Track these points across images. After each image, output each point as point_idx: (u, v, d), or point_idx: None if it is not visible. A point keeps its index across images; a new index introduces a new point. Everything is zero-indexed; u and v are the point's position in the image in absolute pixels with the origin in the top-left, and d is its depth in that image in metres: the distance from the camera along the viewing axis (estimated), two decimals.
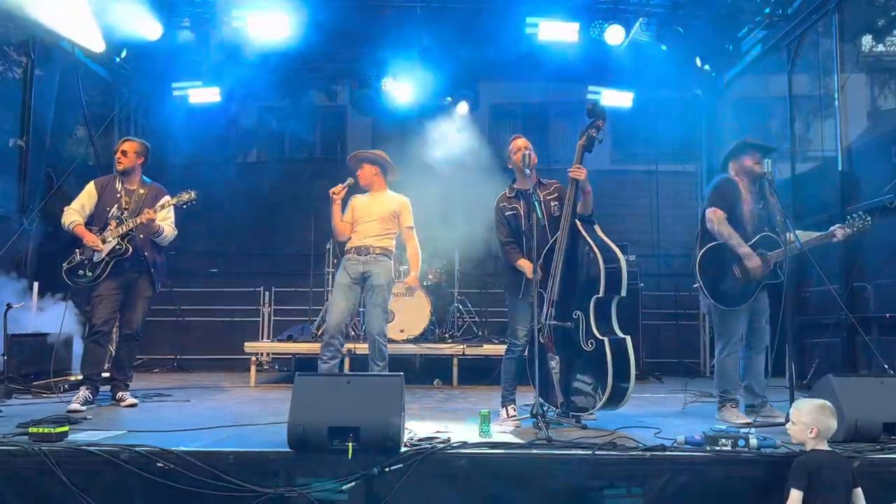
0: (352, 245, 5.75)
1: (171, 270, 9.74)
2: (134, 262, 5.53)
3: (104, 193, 5.60)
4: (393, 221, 5.83)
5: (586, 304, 4.54)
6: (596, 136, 4.71)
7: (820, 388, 4.17)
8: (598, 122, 4.73)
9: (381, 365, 5.60)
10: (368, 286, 5.66)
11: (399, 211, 5.84)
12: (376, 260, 5.68)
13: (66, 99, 8.48)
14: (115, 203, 5.56)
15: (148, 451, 3.52)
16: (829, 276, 6.91)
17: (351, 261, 5.70)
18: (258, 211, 10.24)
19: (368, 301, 5.69)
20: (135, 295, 5.64)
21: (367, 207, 5.82)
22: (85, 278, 5.45)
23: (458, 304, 8.75)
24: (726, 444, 3.63)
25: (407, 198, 5.94)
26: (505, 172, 5.57)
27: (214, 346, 9.85)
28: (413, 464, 3.49)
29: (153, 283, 5.71)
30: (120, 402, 5.55)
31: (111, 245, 5.44)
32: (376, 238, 5.72)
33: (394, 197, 5.92)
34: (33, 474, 3.49)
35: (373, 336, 5.60)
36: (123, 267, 5.50)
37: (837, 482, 3.25)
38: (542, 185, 5.04)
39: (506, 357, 5.12)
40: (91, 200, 5.59)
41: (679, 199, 10.33)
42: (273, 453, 3.58)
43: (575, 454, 3.64)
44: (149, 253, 5.61)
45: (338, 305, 5.63)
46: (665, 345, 9.68)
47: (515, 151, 5.01)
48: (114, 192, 5.61)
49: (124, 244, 5.46)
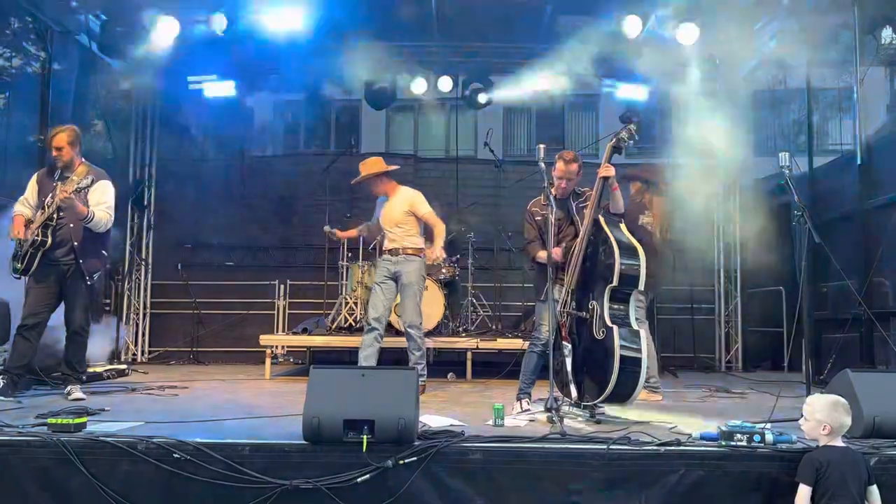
0: (385, 248, 6.37)
1: (187, 263, 9.98)
2: (64, 253, 5.27)
3: (43, 184, 5.39)
4: (409, 219, 6.27)
5: (601, 295, 4.58)
6: (626, 138, 4.74)
7: (837, 383, 4.11)
8: (629, 125, 4.78)
9: (417, 355, 6.13)
10: (400, 285, 6.22)
11: (410, 206, 6.28)
12: (406, 260, 6.22)
13: (83, 93, 8.55)
14: (50, 192, 5.31)
15: (164, 443, 3.55)
16: (846, 270, 6.85)
17: (385, 262, 6.31)
18: (273, 204, 10.29)
19: (402, 297, 6.25)
20: (70, 290, 5.36)
21: (387, 213, 6.35)
22: (16, 270, 5.25)
23: (472, 299, 8.74)
24: (742, 439, 3.60)
25: (416, 189, 6.42)
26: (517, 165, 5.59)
27: (230, 338, 9.91)
28: (427, 457, 3.50)
29: (84, 276, 5.35)
30: (67, 395, 5.34)
31: (33, 236, 5.19)
32: (401, 239, 6.26)
33: (404, 195, 6.37)
34: (52, 464, 3.53)
35: (406, 329, 6.17)
36: (51, 258, 5.25)
37: (849, 479, 3.22)
38: (577, 194, 5.09)
39: (527, 351, 5.17)
40: (33, 193, 5.40)
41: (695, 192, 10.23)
42: (288, 445, 3.60)
43: (589, 448, 3.63)
44: (79, 243, 5.29)
45: (376, 298, 6.22)
46: (680, 339, 9.62)
47: (559, 178, 4.99)
48: (51, 182, 5.36)
49: (42, 235, 5.19)
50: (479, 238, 8.94)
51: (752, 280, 9.67)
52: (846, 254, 7.17)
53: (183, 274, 9.80)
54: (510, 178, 9.47)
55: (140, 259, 9.83)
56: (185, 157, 10.37)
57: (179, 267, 9.82)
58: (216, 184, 10.17)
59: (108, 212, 5.40)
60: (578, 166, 5.00)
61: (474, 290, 8.83)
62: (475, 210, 9.56)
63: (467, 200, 9.87)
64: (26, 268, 5.24)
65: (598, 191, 4.74)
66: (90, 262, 5.37)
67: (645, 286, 5.87)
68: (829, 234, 7.49)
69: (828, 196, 8.11)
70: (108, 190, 5.46)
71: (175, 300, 9.94)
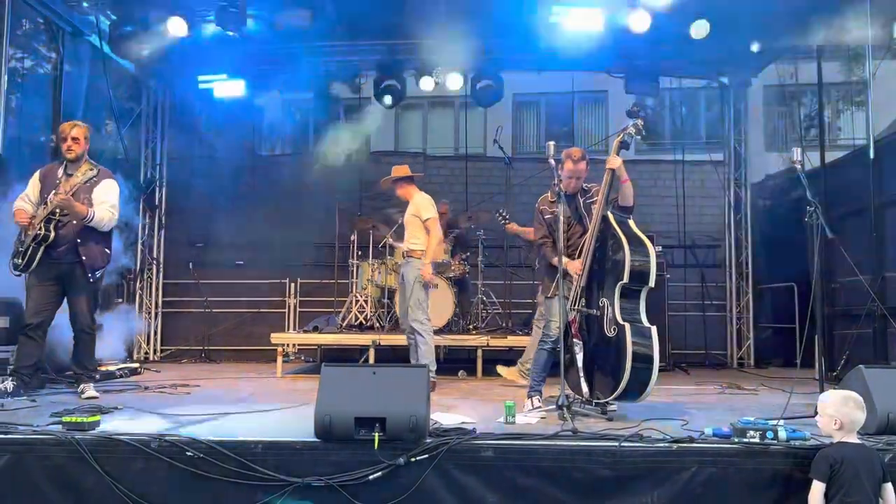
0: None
1: (198, 262, 10.02)
2: (66, 251, 5.24)
3: (46, 180, 5.36)
4: (416, 223, 6.46)
5: (612, 292, 4.56)
6: (633, 133, 4.76)
7: (850, 379, 4.09)
8: (637, 121, 4.79)
9: (423, 350, 6.29)
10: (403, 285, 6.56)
11: (416, 210, 6.46)
12: (407, 262, 6.54)
13: (94, 94, 8.58)
14: (53, 189, 5.28)
15: (178, 440, 3.58)
16: (859, 266, 6.80)
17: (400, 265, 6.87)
18: (283, 203, 10.29)
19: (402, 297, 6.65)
20: (72, 288, 5.34)
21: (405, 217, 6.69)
22: (16, 267, 5.22)
23: (482, 296, 8.74)
24: (754, 435, 3.59)
25: (425, 194, 6.56)
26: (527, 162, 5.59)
27: (241, 337, 9.96)
28: (439, 454, 3.51)
29: (86, 273, 5.32)
30: (81, 394, 5.35)
31: (35, 232, 5.16)
32: (407, 242, 6.57)
33: (414, 200, 6.54)
34: (66, 462, 3.56)
35: (408, 324, 6.43)
36: (52, 256, 5.21)
37: (863, 475, 3.20)
38: (585, 190, 5.08)
39: (537, 348, 5.18)
40: (35, 189, 5.37)
41: (706, 188, 10.20)
42: (300, 443, 3.62)
43: (601, 446, 3.63)
44: (82, 240, 5.27)
45: (397, 301, 7.06)
46: (691, 336, 9.59)
47: (568, 177, 4.97)
48: (54, 177, 5.34)
49: (45, 230, 5.14)
50: (488, 235, 8.94)
51: (764, 276, 9.63)
52: (859, 249, 7.12)
53: (194, 273, 9.84)
54: (520, 175, 9.48)
55: (151, 258, 9.88)
56: (196, 156, 10.40)
57: (191, 266, 9.86)
58: (226, 183, 10.19)
59: (111, 211, 5.37)
60: (586, 164, 5.00)
61: (484, 288, 8.83)
62: (485, 207, 9.55)
63: (477, 198, 9.86)
64: (27, 264, 5.19)
65: (606, 184, 4.72)
66: (93, 259, 5.33)
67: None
68: (842, 229, 7.45)
69: (840, 191, 8.04)
70: (112, 188, 5.45)
71: (186, 299, 9.99)
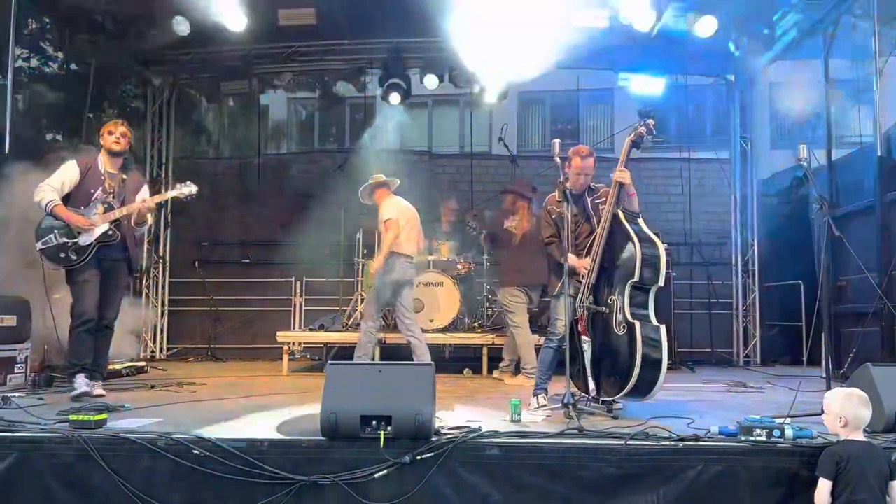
0: None
1: (204, 261, 10.05)
2: (117, 249, 5.37)
3: (88, 175, 5.34)
4: (383, 226, 6.62)
5: (622, 290, 4.56)
6: (645, 133, 4.74)
7: (858, 377, 4.07)
8: (648, 121, 4.77)
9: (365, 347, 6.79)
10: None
11: (379, 214, 6.64)
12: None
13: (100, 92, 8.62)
14: (99, 186, 5.33)
15: (184, 439, 3.59)
16: (866, 263, 6.77)
17: None
18: (289, 201, 10.31)
19: None
20: (113, 284, 5.44)
21: None
22: (69, 262, 5.20)
23: (487, 294, 8.73)
24: (761, 434, 3.58)
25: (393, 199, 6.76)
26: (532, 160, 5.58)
27: (247, 335, 9.99)
28: (444, 452, 3.51)
29: (131, 271, 5.56)
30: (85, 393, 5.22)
31: (102, 230, 5.25)
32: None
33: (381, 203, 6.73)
34: (74, 460, 3.57)
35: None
36: (104, 253, 5.31)
37: (869, 473, 3.18)
38: (592, 190, 5.05)
39: (543, 346, 5.15)
40: (72, 180, 5.30)
41: (712, 186, 10.16)
42: (306, 441, 3.62)
43: (606, 444, 3.62)
44: (129, 241, 5.46)
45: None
46: (697, 334, 9.56)
47: (577, 174, 4.92)
48: (98, 174, 5.36)
49: (115, 231, 5.29)
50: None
51: (771, 274, 9.60)
52: (866, 247, 7.08)
53: (200, 272, 9.87)
54: (525, 172, 9.45)
55: (158, 257, 9.90)
56: (201, 155, 10.44)
57: (197, 265, 9.88)
58: (232, 182, 10.23)
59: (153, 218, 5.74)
60: (594, 160, 4.98)
61: (489, 286, 8.82)
62: (490, 206, 9.53)
63: (482, 196, 9.85)
64: (82, 259, 5.21)
65: (613, 196, 4.72)
66: (136, 256, 5.62)
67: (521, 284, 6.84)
68: (848, 226, 7.42)
69: (847, 189, 8.01)
70: (147, 192, 5.63)
71: (192, 297, 10.02)
